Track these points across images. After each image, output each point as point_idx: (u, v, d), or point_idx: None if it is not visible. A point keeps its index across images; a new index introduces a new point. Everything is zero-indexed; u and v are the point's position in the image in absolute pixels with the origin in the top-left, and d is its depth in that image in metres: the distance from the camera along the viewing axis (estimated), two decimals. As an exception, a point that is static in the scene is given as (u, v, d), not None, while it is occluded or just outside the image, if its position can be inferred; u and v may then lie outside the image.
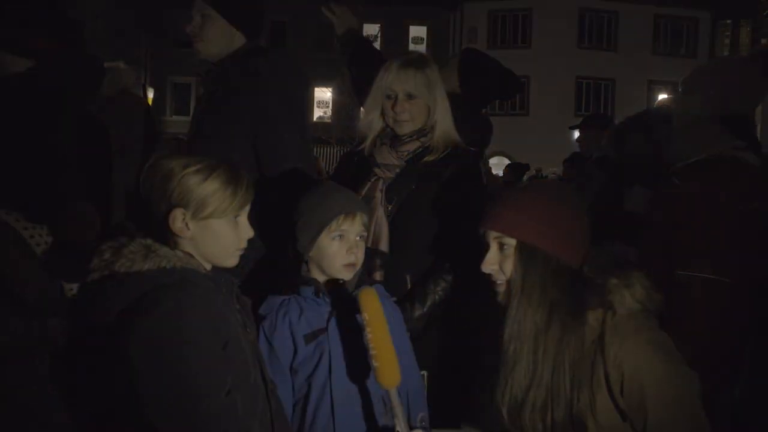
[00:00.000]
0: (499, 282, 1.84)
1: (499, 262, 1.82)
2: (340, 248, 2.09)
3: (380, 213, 2.60)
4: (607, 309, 1.74)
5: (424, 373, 2.31)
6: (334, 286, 2.14)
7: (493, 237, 1.83)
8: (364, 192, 2.64)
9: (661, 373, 1.69)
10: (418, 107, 2.61)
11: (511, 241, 1.80)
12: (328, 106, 29.52)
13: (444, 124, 2.63)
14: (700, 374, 1.73)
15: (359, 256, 2.13)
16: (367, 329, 1.82)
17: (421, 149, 2.63)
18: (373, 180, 2.66)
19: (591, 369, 1.72)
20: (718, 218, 2.44)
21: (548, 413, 1.73)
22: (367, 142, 2.71)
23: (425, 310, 2.53)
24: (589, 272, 1.79)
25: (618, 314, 1.74)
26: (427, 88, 2.60)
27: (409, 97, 2.59)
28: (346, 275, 2.12)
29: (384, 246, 2.58)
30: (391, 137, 2.68)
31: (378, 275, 2.55)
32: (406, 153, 2.64)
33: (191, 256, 1.75)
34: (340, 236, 2.09)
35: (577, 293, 1.76)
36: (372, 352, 1.82)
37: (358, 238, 2.12)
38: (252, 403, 1.75)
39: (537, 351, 1.75)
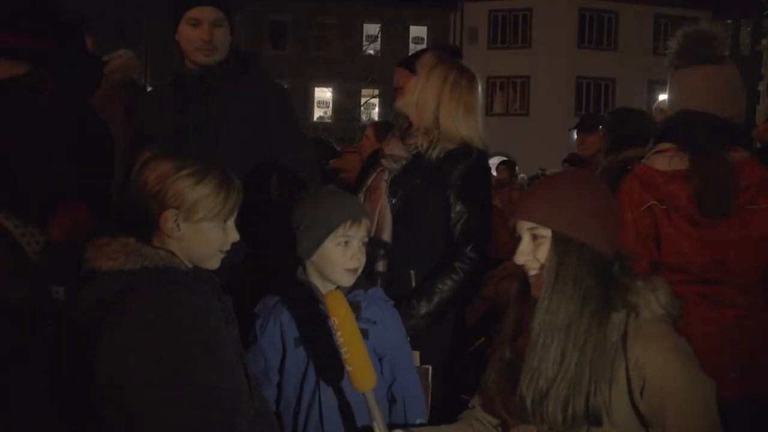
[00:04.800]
0: (532, 273, 1.83)
1: (532, 251, 1.81)
2: (344, 254, 2.08)
3: (384, 203, 2.62)
4: (631, 311, 1.75)
5: (428, 367, 2.31)
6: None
7: (526, 228, 1.82)
8: (369, 182, 2.68)
9: (682, 378, 1.69)
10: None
11: (546, 232, 1.79)
12: (328, 106, 29.51)
13: (449, 122, 2.65)
14: None
15: (362, 262, 2.12)
16: (338, 333, 1.82)
17: (427, 144, 2.64)
18: (378, 171, 2.70)
19: (611, 368, 1.72)
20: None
21: (569, 405, 1.72)
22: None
23: (432, 308, 2.53)
24: (617, 271, 1.79)
25: (642, 317, 1.74)
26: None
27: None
28: (348, 281, 2.11)
29: (387, 236, 2.60)
30: (402, 131, 2.74)
31: (381, 265, 2.57)
32: (412, 146, 2.66)
33: (173, 254, 1.75)
34: (346, 242, 2.08)
35: (608, 286, 1.76)
36: (344, 356, 1.81)
37: (361, 244, 2.11)
38: (236, 399, 1.75)
39: (567, 342, 1.74)
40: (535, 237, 1.81)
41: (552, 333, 1.74)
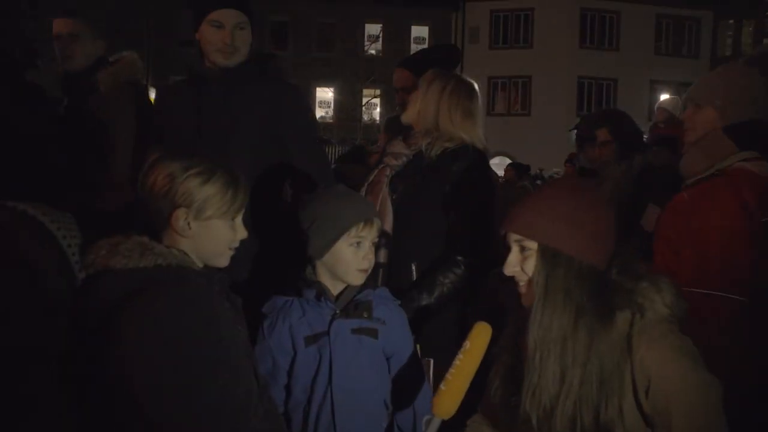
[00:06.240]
0: (521, 283, 1.80)
1: (520, 263, 1.79)
2: (356, 254, 2.10)
3: (385, 194, 2.72)
4: (636, 312, 1.72)
5: (431, 360, 2.31)
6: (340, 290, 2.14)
7: (514, 239, 1.79)
8: (371, 177, 2.80)
9: (687, 378, 1.67)
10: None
11: (533, 244, 1.76)
12: (329, 106, 29.52)
13: (448, 124, 2.75)
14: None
15: (372, 262, 2.14)
16: (460, 355, 1.79)
17: (427, 143, 2.75)
18: (380, 167, 2.82)
19: (620, 379, 1.70)
20: (723, 234, 2.40)
21: (577, 422, 1.70)
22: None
23: (432, 300, 2.57)
24: (617, 275, 1.77)
25: (646, 318, 1.72)
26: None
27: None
28: (360, 280, 2.12)
29: (388, 226, 2.67)
30: (405, 132, 2.87)
31: (382, 255, 2.61)
32: (414, 145, 2.78)
33: (185, 254, 1.78)
34: (358, 243, 2.10)
35: (604, 296, 1.73)
36: (447, 376, 1.78)
37: (371, 244, 2.13)
38: (247, 399, 1.76)
39: (565, 357, 1.71)
40: (522, 249, 1.78)
41: (547, 347, 1.72)
